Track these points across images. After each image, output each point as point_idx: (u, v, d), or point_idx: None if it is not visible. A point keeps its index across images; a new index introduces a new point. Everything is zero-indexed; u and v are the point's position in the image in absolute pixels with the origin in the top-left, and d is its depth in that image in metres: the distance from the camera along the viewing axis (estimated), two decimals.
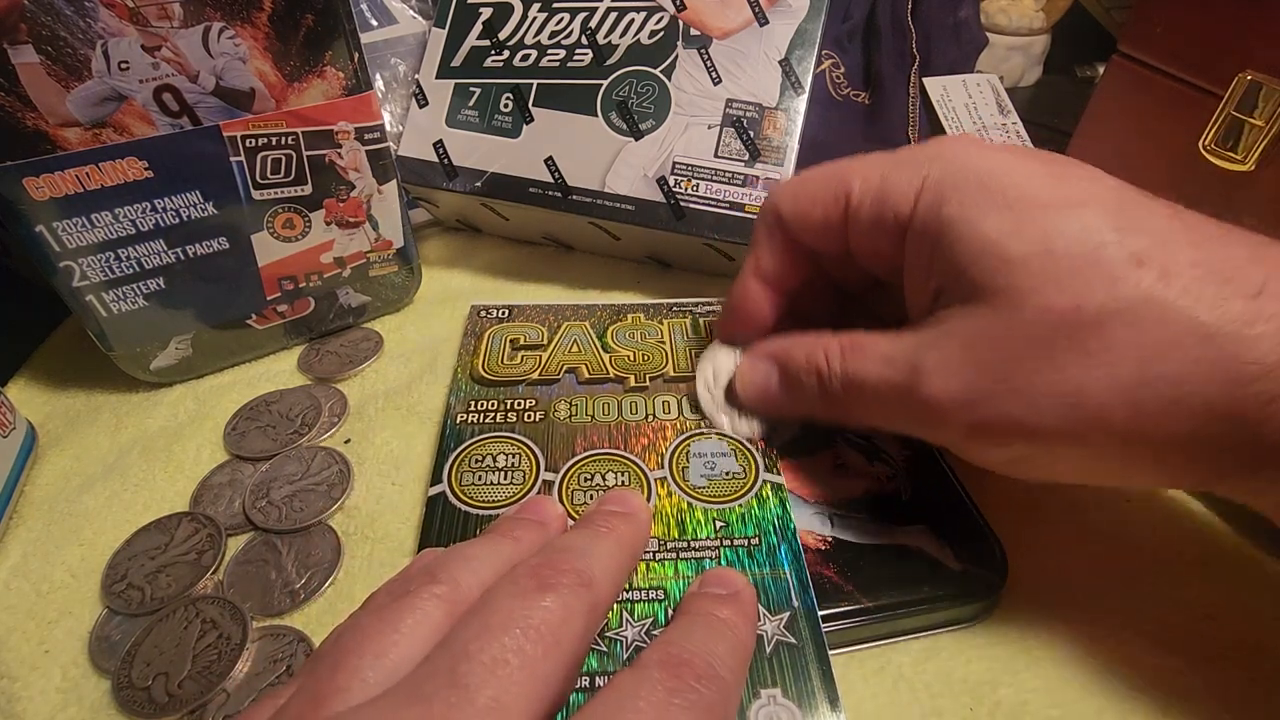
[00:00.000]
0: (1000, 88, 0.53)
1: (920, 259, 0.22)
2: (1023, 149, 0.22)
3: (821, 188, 0.24)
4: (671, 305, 0.36)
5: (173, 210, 0.31)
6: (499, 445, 0.28)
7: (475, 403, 0.30)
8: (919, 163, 0.22)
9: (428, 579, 0.17)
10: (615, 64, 0.38)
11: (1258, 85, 0.36)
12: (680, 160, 0.37)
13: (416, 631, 0.16)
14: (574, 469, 0.27)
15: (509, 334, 0.34)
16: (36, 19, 0.25)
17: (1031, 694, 0.22)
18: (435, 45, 0.41)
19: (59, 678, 0.24)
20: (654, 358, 0.32)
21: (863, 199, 0.23)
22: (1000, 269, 0.19)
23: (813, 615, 0.22)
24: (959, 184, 0.21)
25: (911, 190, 0.22)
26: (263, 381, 0.35)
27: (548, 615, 0.16)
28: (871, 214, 0.23)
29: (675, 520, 0.25)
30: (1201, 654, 0.23)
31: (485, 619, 0.16)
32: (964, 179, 0.21)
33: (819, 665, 0.21)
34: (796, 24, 0.37)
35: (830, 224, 0.24)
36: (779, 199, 0.25)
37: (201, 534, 0.27)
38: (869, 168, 0.23)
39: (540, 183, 0.39)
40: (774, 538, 0.24)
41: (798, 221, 0.25)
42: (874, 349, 0.23)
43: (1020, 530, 0.26)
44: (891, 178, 0.22)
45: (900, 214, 0.22)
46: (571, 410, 0.29)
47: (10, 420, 0.30)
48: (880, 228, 0.23)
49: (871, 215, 0.23)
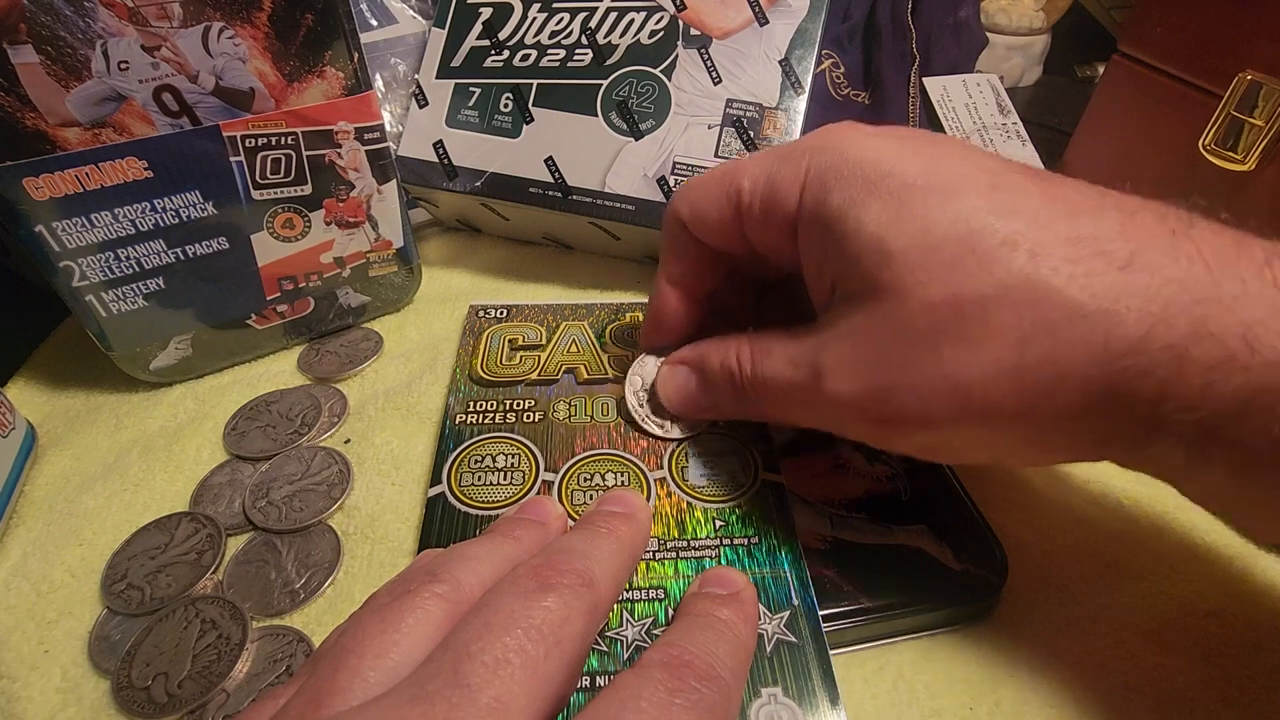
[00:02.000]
0: (1000, 88, 0.53)
1: (813, 252, 0.22)
2: (902, 131, 0.22)
3: (714, 189, 0.24)
4: None
5: (172, 210, 0.31)
6: (498, 446, 0.28)
7: (474, 403, 0.30)
8: (801, 154, 0.22)
9: (428, 578, 0.17)
10: (615, 64, 0.38)
11: (1258, 85, 0.36)
12: (680, 160, 0.37)
13: (418, 631, 0.16)
14: (574, 469, 0.27)
15: (507, 334, 0.34)
16: (36, 19, 0.25)
17: (1031, 694, 0.22)
18: (435, 45, 0.41)
19: (59, 678, 0.23)
20: None
21: (752, 197, 0.23)
22: (883, 263, 0.19)
23: (813, 614, 0.22)
24: (841, 174, 0.21)
25: (796, 184, 0.22)
26: (263, 381, 0.35)
27: (549, 615, 0.16)
28: (762, 211, 0.23)
29: (675, 520, 0.25)
30: (1201, 652, 0.23)
31: (486, 619, 0.16)
32: (846, 169, 0.21)
33: (819, 664, 0.21)
34: (796, 24, 0.37)
35: (726, 224, 0.24)
36: (678, 204, 0.25)
37: (201, 534, 0.27)
38: (757, 165, 0.23)
39: (540, 183, 0.39)
40: (774, 538, 0.24)
41: (697, 225, 0.25)
42: (781, 351, 0.23)
43: (1020, 530, 0.26)
44: (777, 173, 0.22)
45: (788, 209, 0.22)
46: (570, 410, 0.29)
47: (10, 420, 0.30)
48: (772, 224, 0.23)
49: (762, 212, 0.23)
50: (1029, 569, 0.25)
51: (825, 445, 0.28)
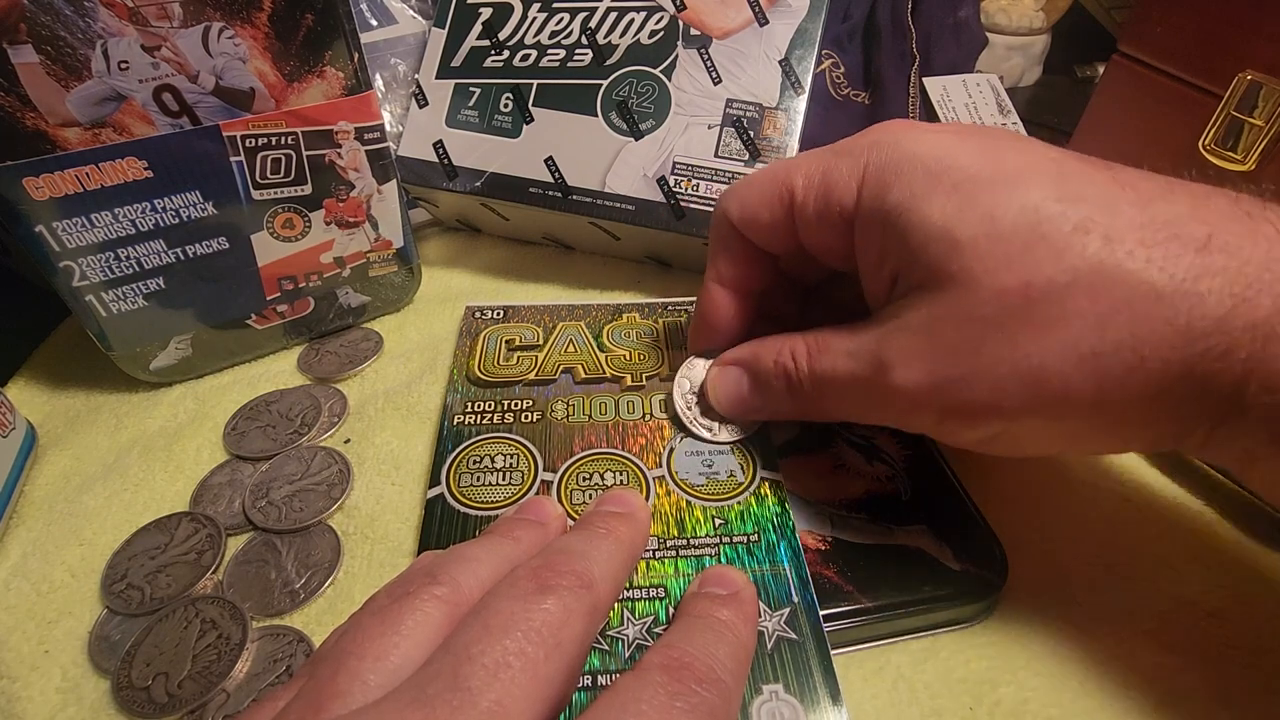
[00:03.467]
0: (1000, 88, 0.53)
1: (871, 247, 0.22)
2: (957, 125, 0.23)
3: (765, 189, 0.24)
4: (666, 304, 0.36)
5: (172, 210, 0.31)
6: (497, 446, 0.28)
7: (472, 404, 0.30)
8: (858, 152, 0.22)
9: (428, 580, 0.17)
10: (615, 64, 0.38)
11: (1258, 85, 0.36)
12: (680, 160, 0.37)
13: (417, 633, 0.16)
14: (572, 469, 0.27)
15: (504, 335, 0.34)
16: (36, 19, 0.25)
17: (1031, 694, 0.22)
18: (435, 45, 0.41)
19: (59, 678, 0.23)
20: (649, 357, 0.32)
21: (806, 195, 0.23)
22: (951, 253, 0.19)
23: (813, 611, 0.22)
24: (901, 169, 0.21)
25: (854, 181, 0.22)
26: (263, 381, 0.35)
27: (549, 617, 0.16)
28: (817, 209, 0.23)
29: (674, 518, 0.25)
30: (1201, 653, 0.23)
31: (486, 621, 0.16)
32: (906, 164, 0.21)
33: (820, 661, 0.21)
34: (796, 23, 0.37)
35: (778, 224, 0.24)
36: (727, 206, 0.25)
37: (201, 534, 0.27)
38: (809, 163, 0.23)
39: (540, 183, 0.39)
40: (773, 535, 0.24)
41: (748, 225, 0.25)
42: (839, 345, 0.23)
43: (1020, 530, 0.26)
44: (832, 171, 0.22)
45: (845, 206, 0.22)
46: (569, 410, 0.29)
47: (10, 420, 0.30)
48: (826, 221, 0.23)
49: (817, 210, 0.23)
50: (1029, 569, 0.25)
51: (825, 445, 0.28)
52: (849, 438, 0.29)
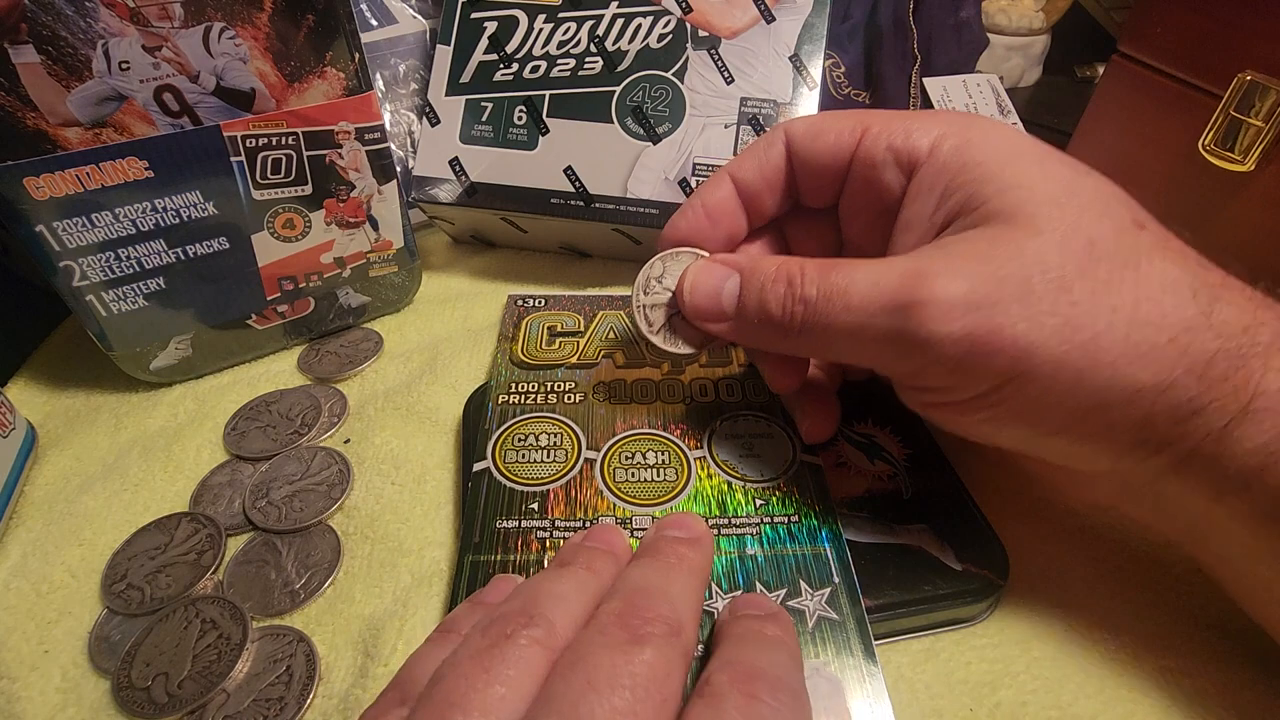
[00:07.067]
0: (1000, 88, 0.53)
1: (930, 194, 0.23)
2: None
3: (843, 118, 0.25)
4: None
5: (173, 210, 0.31)
6: (541, 425, 0.28)
7: (516, 385, 0.30)
8: (939, 120, 0.23)
9: (524, 620, 0.17)
10: (626, 70, 0.38)
11: (1257, 85, 0.36)
12: (700, 161, 0.37)
13: (519, 681, 0.16)
14: (615, 448, 0.27)
15: (547, 321, 0.34)
16: (37, 19, 0.25)
17: (1031, 694, 0.22)
18: (442, 62, 0.40)
19: (59, 678, 0.23)
20: None
21: (880, 134, 0.24)
22: (1030, 199, 0.20)
23: (854, 592, 0.22)
24: (985, 139, 0.22)
25: (931, 135, 0.23)
26: (263, 381, 0.35)
27: (651, 671, 0.16)
28: (885, 148, 0.24)
29: (716, 500, 0.25)
30: (1202, 655, 0.23)
31: (588, 675, 0.15)
32: (990, 136, 0.22)
33: (861, 639, 0.21)
34: (803, 19, 0.37)
35: (841, 147, 0.25)
36: (794, 123, 0.26)
37: (201, 534, 0.27)
38: (886, 115, 0.25)
39: (561, 193, 0.39)
40: (814, 518, 0.25)
41: (808, 140, 0.25)
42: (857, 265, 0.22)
43: (1020, 530, 0.26)
44: (913, 124, 0.24)
45: (916, 152, 0.23)
46: (610, 393, 0.30)
47: (10, 420, 0.30)
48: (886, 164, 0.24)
49: (885, 150, 0.24)
50: (1029, 569, 0.25)
51: (826, 444, 0.28)
52: (850, 436, 0.29)
